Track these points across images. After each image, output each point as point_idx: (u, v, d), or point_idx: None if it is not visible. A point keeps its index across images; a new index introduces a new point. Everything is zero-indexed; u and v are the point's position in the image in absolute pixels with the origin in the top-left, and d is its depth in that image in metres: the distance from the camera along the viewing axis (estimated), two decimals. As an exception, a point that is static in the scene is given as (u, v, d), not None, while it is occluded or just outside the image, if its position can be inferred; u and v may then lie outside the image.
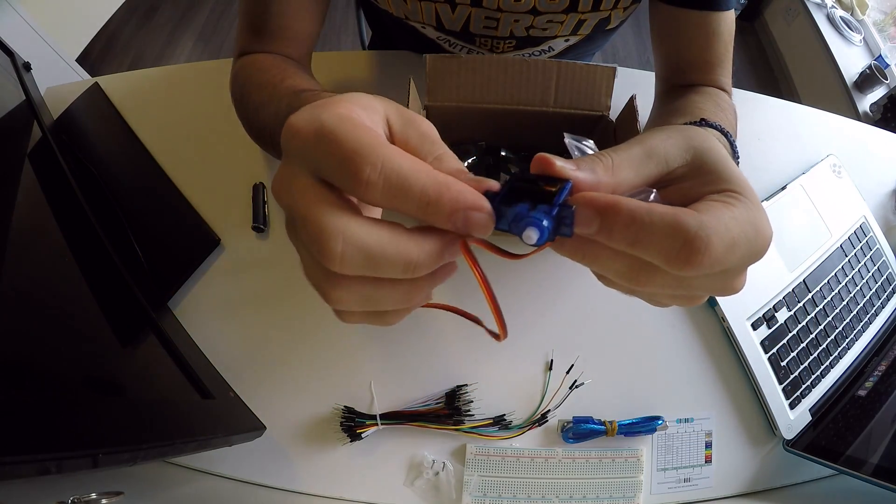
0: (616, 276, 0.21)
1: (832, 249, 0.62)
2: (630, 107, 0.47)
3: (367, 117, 0.20)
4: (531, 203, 0.19)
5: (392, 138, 0.22)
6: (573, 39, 0.59)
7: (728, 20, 0.50)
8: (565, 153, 0.23)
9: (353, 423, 0.49)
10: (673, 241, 0.18)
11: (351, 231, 0.18)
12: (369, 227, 0.19)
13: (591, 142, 0.26)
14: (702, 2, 0.48)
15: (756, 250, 0.21)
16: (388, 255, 0.19)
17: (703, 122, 0.38)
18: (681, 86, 0.53)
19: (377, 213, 0.23)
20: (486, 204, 0.19)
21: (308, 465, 0.49)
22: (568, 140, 0.25)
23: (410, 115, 0.22)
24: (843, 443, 0.50)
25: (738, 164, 0.38)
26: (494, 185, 0.20)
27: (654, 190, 0.23)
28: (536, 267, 0.56)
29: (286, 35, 0.49)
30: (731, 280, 0.23)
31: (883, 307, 0.62)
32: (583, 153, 0.25)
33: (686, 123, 0.39)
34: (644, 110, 0.56)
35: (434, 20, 0.56)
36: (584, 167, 0.21)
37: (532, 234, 0.18)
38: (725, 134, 0.37)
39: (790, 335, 0.57)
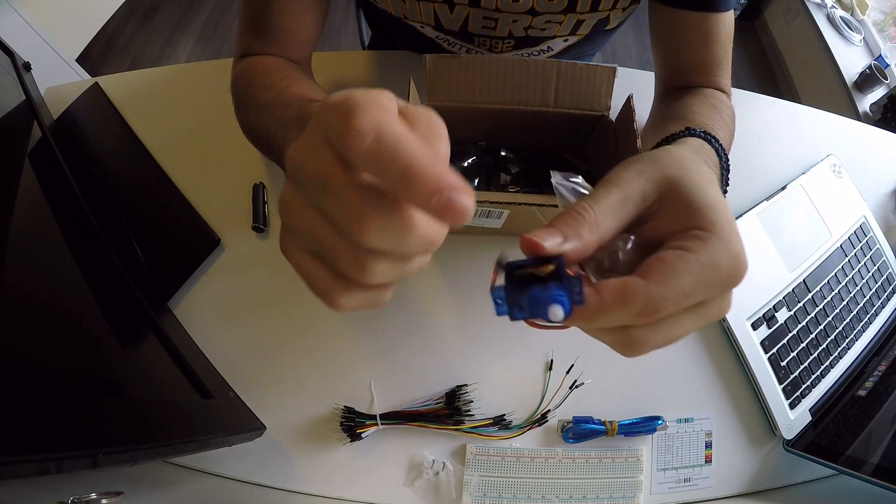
0: (612, 345, 0.25)
1: (832, 249, 0.62)
2: (628, 106, 0.47)
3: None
4: (539, 284, 0.21)
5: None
6: (572, 39, 0.59)
7: (727, 21, 0.50)
8: (565, 152, 0.23)
9: (353, 423, 0.49)
10: (623, 315, 0.21)
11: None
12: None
13: (580, 178, 0.25)
14: (700, 3, 0.48)
15: (723, 283, 0.22)
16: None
17: (688, 132, 0.38)
18: (679, 88, 0.53)
19: None
20: (470, 190, 0.18)
21: (308, 465, 0.49)
22: (555, 181, 0.25)
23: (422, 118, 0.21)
24: (843, 443, 0.50)
25: (727, 164, 0.38)
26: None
27: (632, 237, 0.24)
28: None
29: (287, 37, 0.49)
30: (713, 310, 0.23)
31: (883, 307, 0.62)
32: (571, 191, 0.25)
33: (672, 134, 0.39)
34: (643, 110, 0.56)
35: (433, 20, 0.56)
36: (571, 236, 0.22)
37: (558, 311, 0.20)
38: (710, 140, 0.37)
39: (790, 335, 0.57)
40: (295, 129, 0.36)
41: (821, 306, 0.59)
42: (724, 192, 0.37)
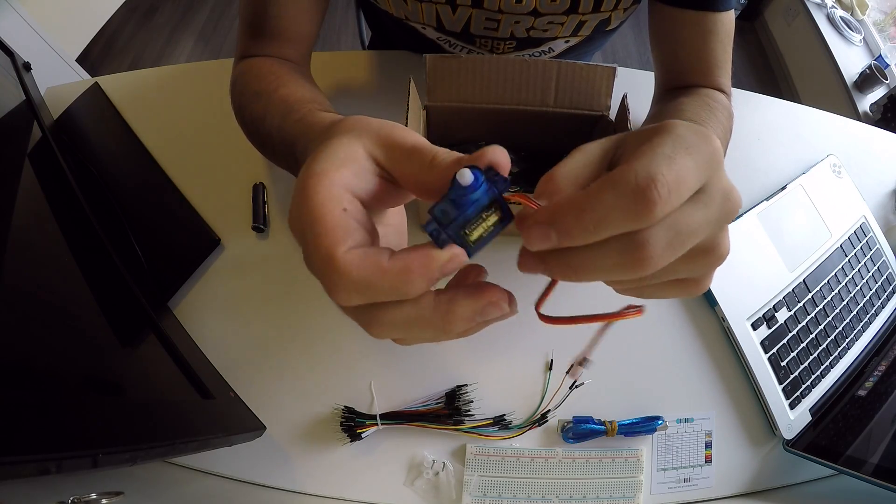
0: (614, 271, 0.20)
1: (832, 249, 0.62)
2: (623, 106, 0.47)
3: (347, 176, 0.21)
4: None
5: (382, 170, 0.23)
6: (573, 40, 0.59)
7: (726, 21, 0.49)
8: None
9: (353, 423, 0.49)
10: (624, 199, 0.18)
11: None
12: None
13: None
14: (700, 2, 0.48)
15: (707, 158, 0.19)
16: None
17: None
18: (678, 88, 0.53)
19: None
20: (455, 252, 0.20)
21: (308, 465, 0.49)
22: None
23: (392, 140, 0.22)
24: (843, 443, 0.50)
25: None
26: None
27: None
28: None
29: (285, 36, 0.49)
30: (714, 237, 0.20)
31: (883, 307, 0.62)
32: None
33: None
34: (643, 110, 0.56)
35: (434, 21, 0.56)
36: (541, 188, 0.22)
37: (466, 174, 0.19)
38: None
39: (790, 335, 0.57)
40: (285, 147, 0.37)
41: (821, 306, 0.59)
42: None
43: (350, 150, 0.22)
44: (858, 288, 0.61)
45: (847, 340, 0.59)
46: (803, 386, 0.56)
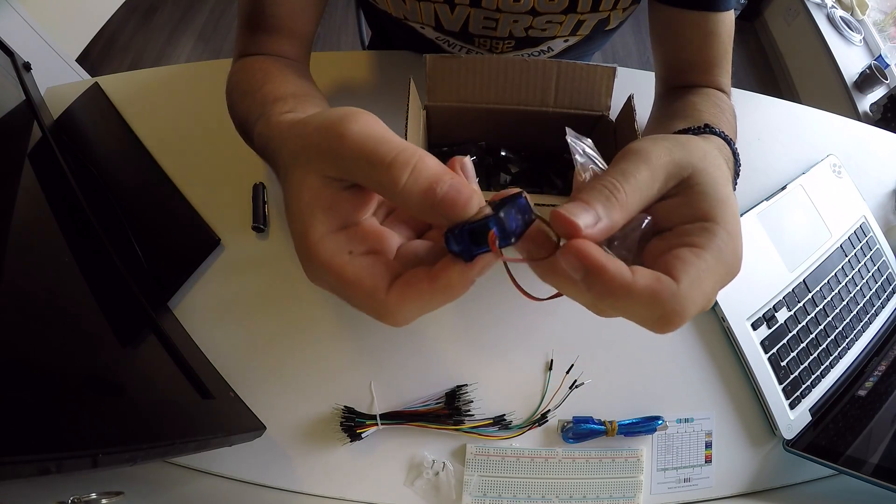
0: (584, 304, 0.23)
1: (832, 249, 0.62)
2: (628, 106, 0.47)
3: (324, 222, 0.23)
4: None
5: (346, 181, 0.23)
6: (572, 40, 0.59)
7: (727, 21, 0.49)
8: (565, 152, 0.23)
9: (353, 423, 0.49)
10: (651, 312, 0.21)
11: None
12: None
13: (590, 141, 0.26)
14: (700, 2, 0.48)
15: (727, 281, 0.23)
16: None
17: (707, 129, 0.38)
18: (680, 87, 0.53)
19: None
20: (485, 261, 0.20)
21: (308, 465, 0.49)
22: (570, 139, 0.26)
23: (335, 153, 0.22)
24: (843, 443, 0.50)
25: (738, 170, 0.38)
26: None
27: (648, 217, 0.24)
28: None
29: (282, 32, 0.49)
30: (700, 308, 0.23)
31: (883, 307, 0.62)
32: (584, 153, 0.25)
33: (689, 129, 0.38)
34: (643, 110, 0.56)
35: (433, 20, 0.56)
36: (604, 215, 0.22)
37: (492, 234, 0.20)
38: (728, 141, 0.37)
39: (790, 335, 0.57)
40: (258, 136, 0.36)
41: (821, 306, 0.59)
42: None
43: (309, 189, 0.22)
44: (858, 288, 0.61)
45: (847, 340, 0.59)
46: (803, 386, 0.56)
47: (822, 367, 0.57)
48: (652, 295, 0.20)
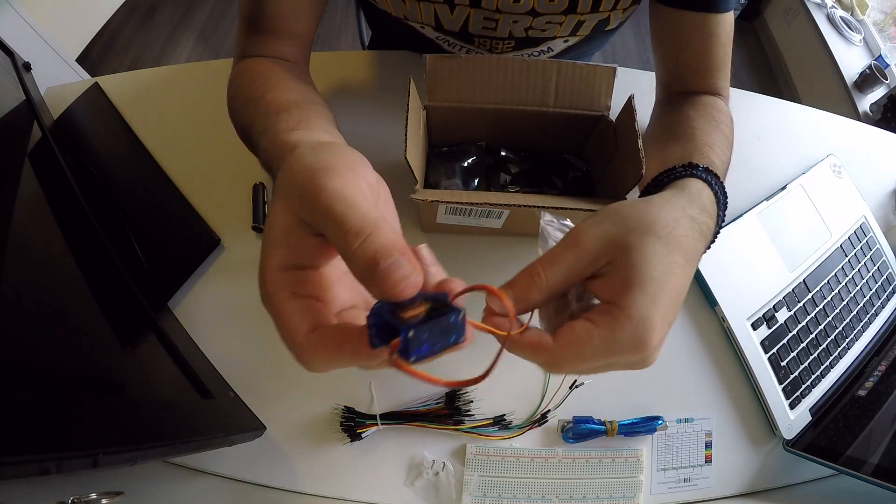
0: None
1: (832, 249, 0.62)
2: (629, 107, 0.47)
3: (281, 256, 0.25)
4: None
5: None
6: (572, 40, 0.59)
7: (727, 22, 0.50)
8: (565, 152, 0.24)
9: (353, 423, 0.49)
10: (534, 359, 0.27)
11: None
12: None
13: (569, 221, 0.30)
14: (700, 4, 0.48)
15: (623, 357, 0.26)
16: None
17: (689, 169, 0.38)
18: (679, 92, 0.53)
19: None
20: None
21: (308, 465, 0.49)
22: (544, 223, 0.30)
23: (311, 204, 0.23)
24: (843, 443, 0.50)
25: (724, 202, 0.38)
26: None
27: (582, 290, 0.29)
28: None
29: (282, 33, 0.49)
30: (621, 366, 0.28)
31: (883, 307, 0.62)
32: (558, 230, 0.30)
33: (674, 168, 0.38)
34: (643, 110, 0.56)
35: (433, 20, 0.56)
36: (521, 300, 0.27)
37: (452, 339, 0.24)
38: (710, 182, 0.37)
39: (790, 335, 0.57)
40: (264, 152, 0.38)
41: (821, 306, 0.59)
42: (713, 241, 0.37)
43: (281, 224, 0.24)
44: (858, 288, 0.62)
45: (847, 340, 0.59)
46: (803, 386, 0.56)
47: (822, 367, 0.57)
48: (532, 346, 0.27)
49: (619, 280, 0.26)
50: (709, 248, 0.36)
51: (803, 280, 0.59)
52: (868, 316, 0.61)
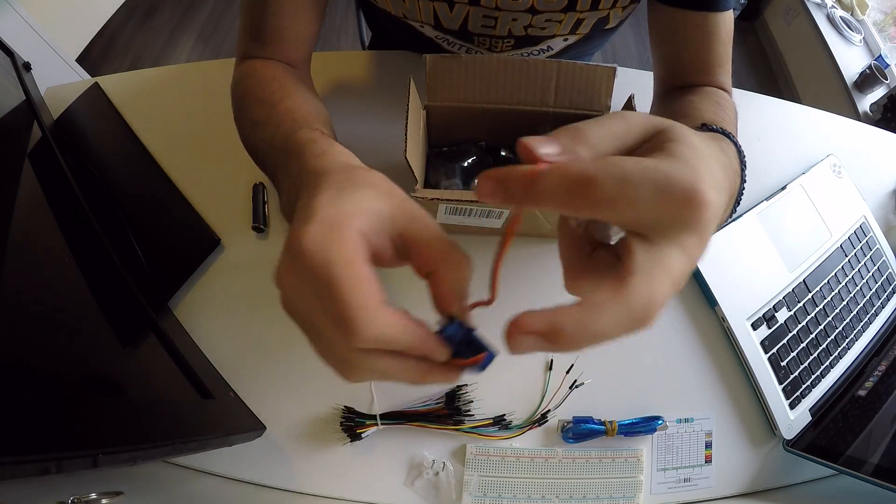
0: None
1: (832, 249, 0.62)
2: (628, 106, 0.47)
3: (368, 225, 0.23)
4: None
5: (395, 236, 0.24)
6: (572, 39, 0.59)
7: (726, 21, 0.49)
8: None
9: (353, 423, 0.49)
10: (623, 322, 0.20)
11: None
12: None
13: None
14: (700, 2, 0.48)
15: (631, 324, 0.21)
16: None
17: (704, 127, 0.38)
18: (680, 87, 0.53)
19: None
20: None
21: (308, 465, 0.49)
22: None
23: (414, 213, 0.25)
24: (843, 443, 0.50)
25: (744, 164, 0.38)
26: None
27: (621, 233, 0.24)
28: (536, 266, 0.56)
29: (284, 38, 0.49)
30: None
31: (883, 307, 0.62)
32: None
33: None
34: (643, 110, 0.56)
35: (432, 19, 0.56)
36: (567, 150, 0.21)
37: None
38: (727, 135, 0.37)
39: (790, 335, 0.57)
40: (282, 158, 0.36)
41: (821, 306, 0.59)
42: (737, 203, 0.36)
43: (377, 204, 0.24)
44: (858, 288, 0.61)
45: (847, 340, 0.59)
46: (803, 386, 0.56)
47: (822, 367, 0.57)
48: (574, 182, 0.19)
49: (666, 138, 0.21)
50: (734, 210, 0.34)
51: (803, 280, 0.59)
52: (868, 316, 0.61)
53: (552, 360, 0.53)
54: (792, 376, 0.55)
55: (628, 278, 0.20)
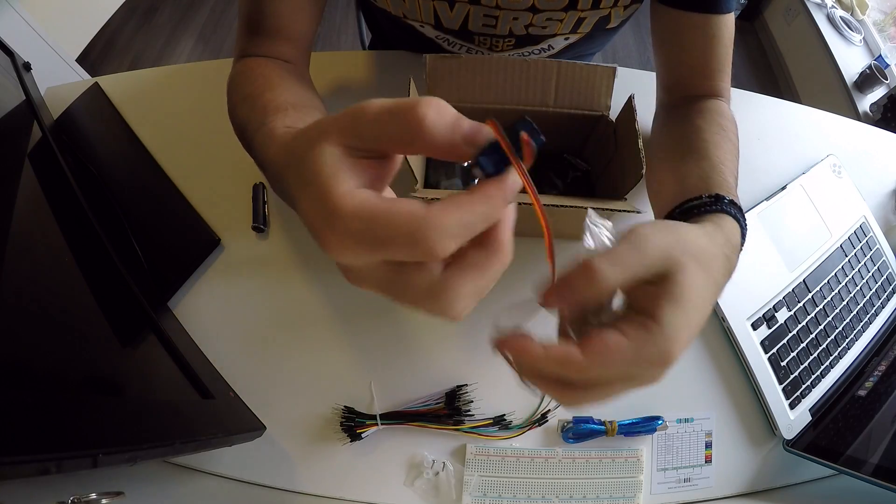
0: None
1: (832, 249, 0.62)
2: (629, 107, 0.47)
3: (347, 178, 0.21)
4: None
5: (364, 151, 0.22)
6: (573, 38, 0.59)
7: (728, 23, 0.49)
8: (565, 152, 0.24)
9: (353, 423, 0.49)
10: (559, 372, 0.25)
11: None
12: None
13: (610, 224, 0.28)
14: (702, 4, 0.48)
15: (646, 369, 0.26)
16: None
17: (718, 204, 0.38)
18: (683, 97, 0.52)
19: None
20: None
21: (308, 465, 0.49)
22: (589, 221, 0.28)
23: (355, 119, 0.21)
24: (842, 443, 0.50)
25: (745, 228, 0.39)
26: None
27: (622, 299, 0.28)
28: (536, 265, 0.56)
29: (282, 35, 0.49)
30: (638, 383, 0.28)
31: (883, 307, 0.62)
32: (600, 235, 0.28)
33: (700, 197, 0.39)
34: (643, 110, 0.56)
35: (432, 18, 0.56)
36: (579, 296, 0.25)
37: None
38: (739, 221, 0.38)
39: (790, 335, 0.57)
40: (260, 146, 0.36)
41: (821, 306, 0.59)
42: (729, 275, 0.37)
43: (329, 159, 0.21)
44: (858, 288, 0.61)
45: (847, 340, 0.59)
46: (803, 386, 0.55)
47: (822, 367, 0.57)
48: (561, 359, 0.24)
49: (665, 293, 0.26)
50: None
51: (803, 280, 0.59)
52: (868, 316, 0.61)
53: (552, 360, 0.53)
54: (792, 376, 0.55)
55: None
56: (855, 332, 0.60)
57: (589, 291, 0.24)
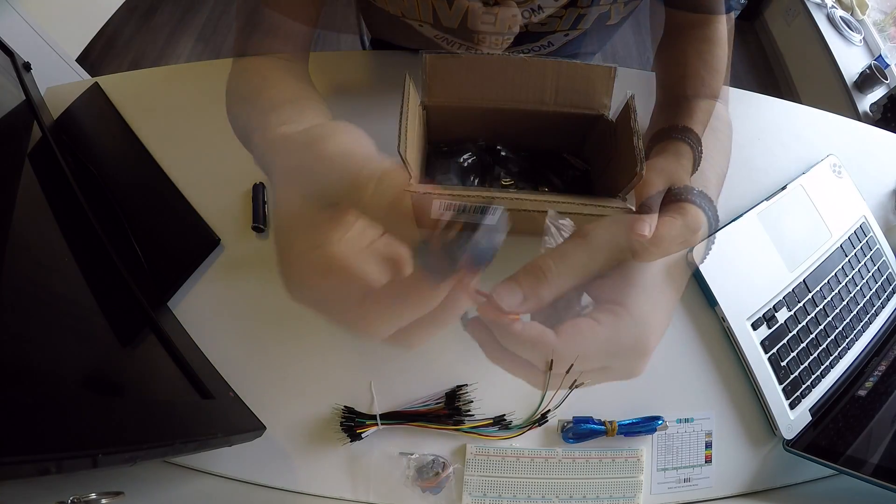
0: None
1: (832, 249, 0.62)
2: (628, 106, 0.46)
3: None
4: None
5: None
6: (573, 34, 0.59)
7: (728, 23, 0.49)
8: (564, 151, 0.25)
9: (353, 423, 0.49)
10: (533, 355, 0.28)
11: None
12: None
13: (570, 223, 0.29)
14: (702, 5, 0.48)
15: (623, 355, 0.27)
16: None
17: (685, 193, 0.37)
18: (679, 95, 0.52)
19: None
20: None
21: (308, 465, 0.49)
22: (549, 221, 0.29)
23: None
24: (843, 443, 0.50)
25: (715, 229, 0.38)
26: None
27: (586, 296, 0.29)
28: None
29: (279, 33, 0.49)
30: (617, 374, 0.29)
31: (883, 307, 0.62)
32: (558, 231, 0.29)
33: (669, 191, 0.38)
34: (643, 110, 0.56)
35: (431, 17, 0.56)
36: (531, 295, 0.26)
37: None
38: (702, 205, 0.36)
39: (790, 335, 0.57)
40: (260, 157, 0.37)
41: (821, 306, 0.59)
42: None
43: (291, 206, 0.25)
44: (858, 288, 0.61)
45: (847, 340, 0.59)
46: (803, 386, 0.55)
47: (823, 367, 0.57)
48: (534, 339, 0.26)
49: (624, 280, 0.27)
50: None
51: (803, 280, 0.59)
52: (868, 316, 0.61)
53: (552, 360, 0.53)
54: (792, 376, 0.55)
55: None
56: (855, 332, 0.60)
57: (542, 290, 0.25)
